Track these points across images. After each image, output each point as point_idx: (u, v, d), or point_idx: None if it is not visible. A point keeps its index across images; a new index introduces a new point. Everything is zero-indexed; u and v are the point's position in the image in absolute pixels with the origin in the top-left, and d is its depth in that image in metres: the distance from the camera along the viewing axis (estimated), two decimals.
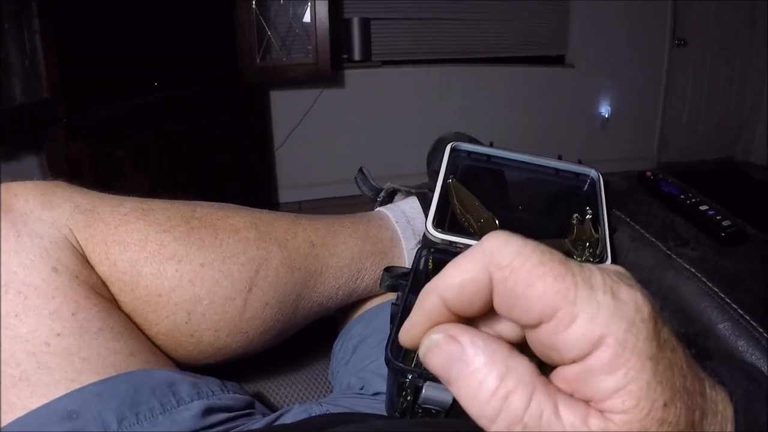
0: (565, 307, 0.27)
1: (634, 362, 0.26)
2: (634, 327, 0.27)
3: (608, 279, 0.28)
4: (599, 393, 0.27)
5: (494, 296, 0.29)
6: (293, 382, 0.78)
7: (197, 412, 0.54)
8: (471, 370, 0.28)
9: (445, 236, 0.58)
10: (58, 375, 0.50)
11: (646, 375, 0.26)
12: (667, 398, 0.27)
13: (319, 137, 3.83)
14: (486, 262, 0.28)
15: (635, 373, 0.26)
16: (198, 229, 0.62)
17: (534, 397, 0.27)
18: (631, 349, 0.26)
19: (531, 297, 0.27)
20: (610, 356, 0.26)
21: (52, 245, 0.55)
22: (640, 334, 0.27)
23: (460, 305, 0.29)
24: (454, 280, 0.29)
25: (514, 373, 0.27)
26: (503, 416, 0.27)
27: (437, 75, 4.01)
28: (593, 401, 0.27)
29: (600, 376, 0.26)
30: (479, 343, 0.28)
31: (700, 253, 0.66)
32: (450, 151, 0.70)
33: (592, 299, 0.27)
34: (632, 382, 0.26)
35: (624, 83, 4.43)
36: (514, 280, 0.27)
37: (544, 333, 0.28)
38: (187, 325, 0.61)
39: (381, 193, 0.84)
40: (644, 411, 0.26)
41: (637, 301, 0.27)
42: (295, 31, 3.34)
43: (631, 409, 0.26)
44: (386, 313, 0.62)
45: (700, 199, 0.72)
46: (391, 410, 0.51)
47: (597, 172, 0.71)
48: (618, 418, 0.26)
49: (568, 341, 0.27)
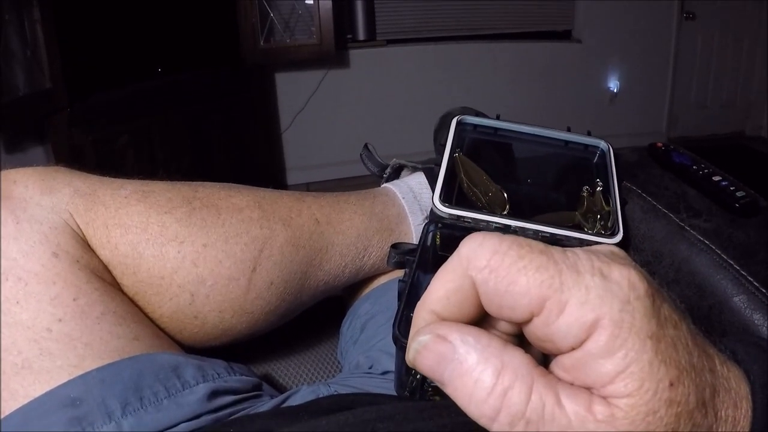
0: (552, 296, 0.26)
1: (632, 342, 0.25)
2: (630, 305, 0.26)
3: (596, 260, 0.27)
4: (600, 378, 0.25)
5: (481, 298, 0.28)
6: (302, 363, 0.78)
7: (203, 395, 0.53)
8: (465, 369, 0.27)
9: (452, 211, 0.57)
10: (60, 361, 0.50)
11: (647, 355, 0.25)
12: (673, 377, 0.25)
13: (326, 118, 3.82)
14: (464, 268, 0.28)
15: (635, 353, 0.25)
16: (200, 210, 0.62)
17: (534, 390, 0.26)
18: (628, 328, 0.25)
19: (516, 293, 0.26)
20: (606, 338, 0.25)
21: (52, 230, 0.54)
22: (637, 312, 0.26)
23: (451, 315, 0.29)
24: (438, 293, 0.29)
25: (510, 368, 0.26)
26: (504, 414, 0.26)
27: (442, 53, 3.98)
28: (595, 388, 0.26)
29: (599, 360, 0.25)
30: (470, 339, 0.27)
31: (713, 224, 0.64)
32: (456, 125, 0.68)
33: (579, 283, 0.26)
34: (633, 363, 0.25)
35: (632, 58, 4.38)
36: (494, 279, 0.27)
37: (537, 326, 0.27)
38: (191, 306, 0.60)
39: (387, 169, 0.83)
40: (650, 392, 0.25)
41: (631, 279, 0.27)
42: (298, 12, 3.31)
43: (635, 392, 0.25)
44: (394, 291, 0.61)
45: (713, 169, 0.70)
46: (400, 389, 0.51)
47: (607, 144, 0.70)
48: (623, 403, 0.25)
49: (561, 330, 0.26)
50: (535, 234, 0.56)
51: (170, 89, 2.77)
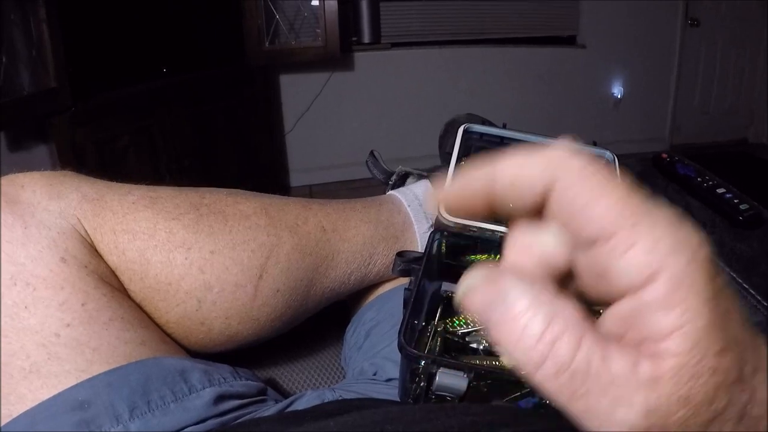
0: (625, 230, 0.25)
1: (692, 301, 0.24)
2: (695, 264, 0.25)
3: (671, 215, 0.26)
4: (654, 332, 0.24)
5: (551, 203, 0.27)
6: (306, 369, 0.78)
7: (209, 399, 0.54)
8: (514, 313, 0.26)
9: (458, 219, 0.57)
10: (68, 366, 0.50)
11: (703, 318, 0.24)
12: (723, 346, 0.24)
13: (330, 120, 3.82)
14: (551, 165, 0.27)
15: (692, 314, 0.24)
16: (207, 216, 0.62)
17: (582, 342, 0.25)
18: (689, 286, 0.24)
19: (592, 211, 0.25)
20: (666, 290, 0.24)
21: (60, 236, 0.54)
22: (700, 272, 0.25)
23: (504, 195, 0.28)
24: (511, 169, 0.28)
25: (561, 317, 0.25)
26: (550, 363, 0.25)
27: (447, 56, 3.98)
28: (646, 343, 0.25)
29: (656, 312, 0.24)
30: (521, 284, 0.26)
31: (716, 236, 0.65)
32: (462, 133, 0.69)
33: (653, 229, 0.25)
34: (689, 322, 0.24)
35: (636, 63, 4.38)
36: (577, 191, 0.26)
37: (599, 254, 0.26)
38: (197, 313, 0.60)
39: (392, 176, 0.84)
40: (697, 357, 0.24)
41: (699, 240, 0.25)
42: (303, 14, 3.31)
43: (685, 353, 0.24)
44: (399, 298, 0.61)
45: (717, 181, 0.70)
46: (404, 396, 0.51)
47: (612, 154, 0.70)
48: (669, 364, 0.24)
49: (622, 267, 0.25)
50: None
51: (175, 90, 2.77)
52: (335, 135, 3.86)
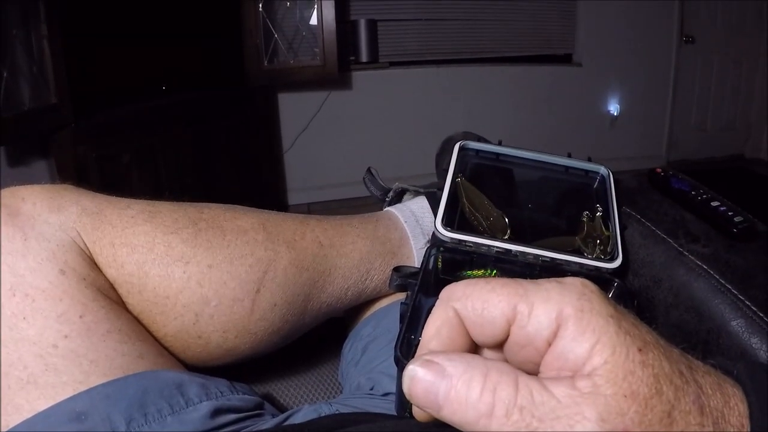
0: (520, 301, 0.30)
1: (596, 321, 0.29)
2: (585, 296, 0.30)
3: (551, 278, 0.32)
4: (580, 357, 0.29)
5: (465, 325, 0.33)
6: (303, 383, 0.78)
7: (206, 412, 0.54)
8: (455, 380, 0.30)
9: (454, 235, 0.57)
10: (65, 377, 0.50)
11: (611, 327, 0.29)
12: (640, 345, 0.29)
13: (328, 139, 3.83)
14: (447, 303, 0.33)
15: (601, 327, 0.29)
16: (205, 231, 0.62)
17: (519, 381, 0.29)
18: (589, 311, 0.29)
19: (491, 307, 0.31)
20: (574, 322, 0.29)
21: (60, 248, 0.54)
22: (593, 299, 0.30)
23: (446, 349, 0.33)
24: (430, 332, 0.33)
25: (494, 369, 0.30)
26: (498, 407, 0.28)
27: (445, 75, 4.01)
28: (577, 369, 0.29)
29: (574, 343, 0.29)
30: (455, 356, 0.31)
31: (711, 249, 0.65)
32: (458, 150, 0.69)
33: (540, 288, 0.31)
34: (602, 335, 0.29)
35: (632, 81, 4.41)
36: (471, 302, 0.32)
37: (516, 333, 0.31)
38: (195, 326, 0.61)
39: (389, 192, 0.84)
40: (622, 355, 0.28)
41: (582, 282, 0.31)
42: (302, 33, 3.34)
43: (610, 357, 0.28)
44: (396, 313, 0.61)
45: (711, 195, 0.71)
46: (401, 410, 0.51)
47: (607, 169, 0.71)
48: (601, 371, 0.28)
49: (535, 327, 0.30)
50: (536, 258, 0.57)
51: (174, 108, 2.79)
52: (333, 153, 3.88)
